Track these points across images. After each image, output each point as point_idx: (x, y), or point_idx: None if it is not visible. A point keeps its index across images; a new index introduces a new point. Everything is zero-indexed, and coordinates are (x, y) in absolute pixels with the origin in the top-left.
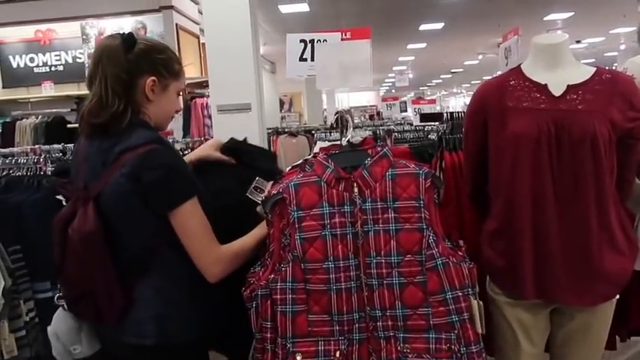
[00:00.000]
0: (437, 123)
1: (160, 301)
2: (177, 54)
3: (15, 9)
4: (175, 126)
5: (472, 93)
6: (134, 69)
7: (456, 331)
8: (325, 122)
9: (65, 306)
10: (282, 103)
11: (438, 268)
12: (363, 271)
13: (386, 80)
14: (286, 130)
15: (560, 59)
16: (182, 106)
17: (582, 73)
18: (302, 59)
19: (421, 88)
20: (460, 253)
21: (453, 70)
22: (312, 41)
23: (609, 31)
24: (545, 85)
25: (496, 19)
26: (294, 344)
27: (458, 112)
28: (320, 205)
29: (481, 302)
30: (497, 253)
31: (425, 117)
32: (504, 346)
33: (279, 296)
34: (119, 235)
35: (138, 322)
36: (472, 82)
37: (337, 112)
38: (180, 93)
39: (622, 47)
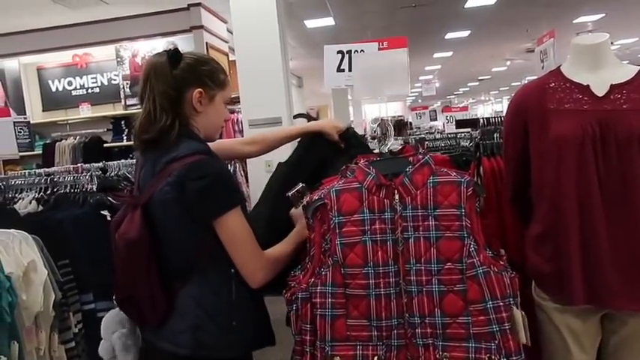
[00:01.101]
0: (469, 130)
1: (198, 312)
2: (221, 65)
3: (53, 35)
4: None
5: (500, 100)
6: (180, 83)
7: (496, 341)
8: None
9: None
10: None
11: (478, 276)
12: (403, 278)
13: (412, 90)
14: None
15: (602, 59)
16: (230, 115)
17: (626, 72)
18: (339, 70)
19: (448, 97)
20: (502, 263)
21: (480, 78)
22: (349, 52)
23: None
24: (588, 85)
25: (524, 24)
26: (333, 348)
27: (494, 118)
28: (361, 211)
29: (524, 313)
30: (543, 258)
31: (460, 124)
32: (555, 353)
33: (318, 300)
34: (163, 244)
35: (175, 331)
36: (500, 88)
37: (379, 121)
38: (227, 103)
39: None
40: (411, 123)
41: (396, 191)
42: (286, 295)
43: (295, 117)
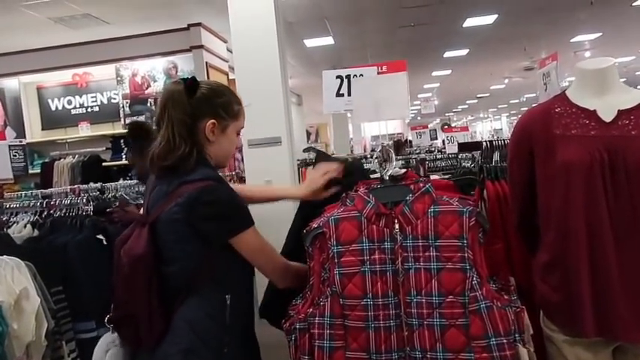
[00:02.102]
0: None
1: (192, 336)
2: (236, 95)
3: (54, 55)
4: None
5: (499, 117)
6: (196, 113)
7: None
8: (352, 152)
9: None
10: (308, 134)
11: (481, 311)
12: (404, 310)
13: (411, 108)
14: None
15: (608, 84)
16: (242, 143)
17: (633, 97)
18: (339, 95)
19: (447, 114)
20: (506, 297)
21: (479, 95)
22: (348, 77)
23: (639, 50)
24: (594, 111)
25: (522, 42)
26: None
27: (497, 141)
28: (360, 240)
29: (531, 349)
30: (551, 287)
31: (463, 147)
32: None
33: (317, 331)
34: (166, 263)
35: (167, 354)
36: (499, 106)
37: (382, 146)
38: (240, 132)
39: None
40: (410, 141)
41: (396, 220)
42: (285, 324)
43: (305, 151)
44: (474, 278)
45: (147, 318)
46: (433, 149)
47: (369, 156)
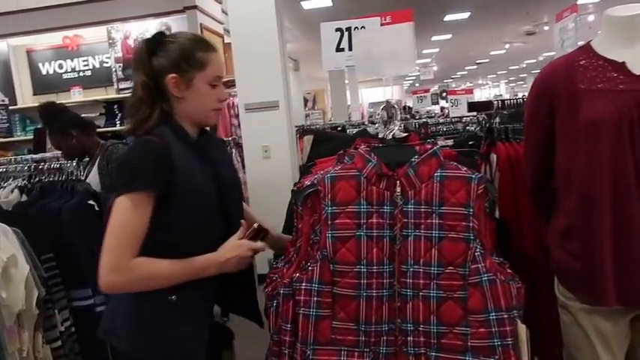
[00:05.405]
0: (474, 113)
1: (117, 298)
2: (204, 41)
3: (42, 16)
4: None
5: (497, 84)
6: (157, 71)
7: (497, 357)
8: (350, 118)
9: None
10: (305, 101)
11: (482, 284)
12: (398, 280)
13: (409, 74)
14: (312, 127)
15: (639, 33)
16: (225, 95)
17: None
18: (339, 49)
19: (445, 81)
20: (509, 271)
21: (478, 61)
22: (348, 29)
23: None
24: (623, 63)
25: (524, 6)
26: (314, 352)
27: (512, 100)
28: (357, 202)
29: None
30: (570, 254)
31: (472, 107)
32: (580, 358)
33: (302, 297)
34: None
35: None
36: (498, 72)
37: (385, 103)
38: (216, 82)
39: None
40: (410, 107)
41: (398, 183)
42: (267, 289)
43: (302, 134)
44: (478, 249)
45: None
46: (432, 115)
47: (367, 122)
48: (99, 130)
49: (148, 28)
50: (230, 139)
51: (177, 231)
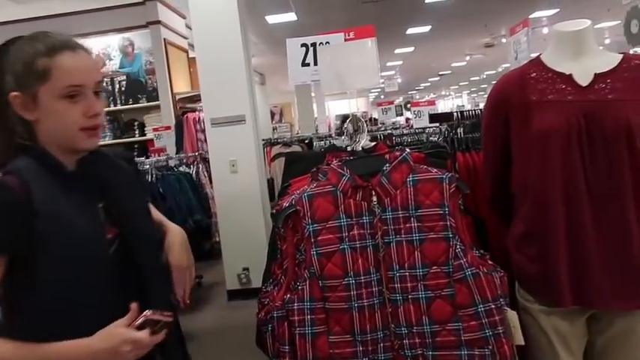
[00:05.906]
0: (437, 124)
1: None
2: (49, 41)
3: (4, 31)
4: (168, 142)
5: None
6: (1, 90)
7: (490, 347)
8: (317, 131)
9: None
10: (272, 115)
11: (467, 279)
12: (386, 286)
13: (375, 87)
14: (279, 140)
15: (584, 47)
16: (95, 107)
17: (609, 60)
18: (304, 64)
19: (410, 93)
20: (490, 262)
21: (440, 73)
22: (313, 45)
23: (594, 26)
24: (570, 75)
25: (482, 19)
26: None
27: (470, 111)
28: (337, 216)
29: (515, 312)
30: (528, 258)
31: (433, 118)
32: (541, 357)
33: (296, 317)
34: None
35: None
36: (460, 83)
37: (349, 116)
38: (74, 92)
39: (607, 41)
40: (376, 119)
41: (373, 192)
42: (260, 314)
43: (274, 158)
44: (458, 246)
45: None
46: (397, 126)
47: (334, 134)
48: None
49: (110, 43)
50: (197, 153)
51: (40, 292)
